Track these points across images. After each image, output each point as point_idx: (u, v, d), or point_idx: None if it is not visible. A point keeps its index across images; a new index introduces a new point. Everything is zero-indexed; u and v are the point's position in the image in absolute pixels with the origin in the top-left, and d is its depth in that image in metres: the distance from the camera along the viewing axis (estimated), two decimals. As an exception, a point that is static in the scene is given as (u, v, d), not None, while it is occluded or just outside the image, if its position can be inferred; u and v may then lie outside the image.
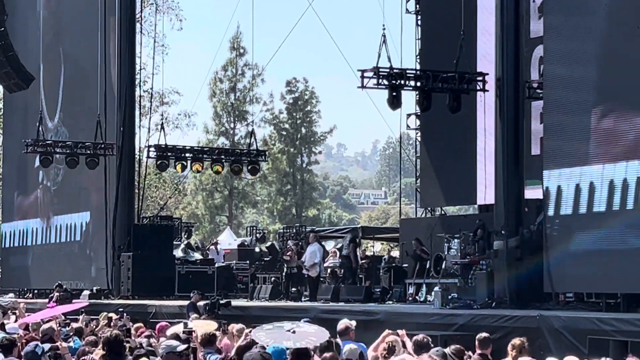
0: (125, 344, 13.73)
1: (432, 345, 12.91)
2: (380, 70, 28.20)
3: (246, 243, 42.73)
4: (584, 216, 23.06)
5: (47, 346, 14.72)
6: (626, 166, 22.07)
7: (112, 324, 20.97)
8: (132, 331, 20.10)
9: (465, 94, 29.25)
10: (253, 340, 8.13)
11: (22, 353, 13.35)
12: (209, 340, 14.28)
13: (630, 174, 21.97)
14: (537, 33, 27.75)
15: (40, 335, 16.76)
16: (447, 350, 12.95)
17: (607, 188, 22.48)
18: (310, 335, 12.31)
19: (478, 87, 29.54)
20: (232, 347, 14.92)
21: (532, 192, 25.37)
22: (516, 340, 14.30)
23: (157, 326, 19.68)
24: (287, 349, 11.50)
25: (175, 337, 14.10)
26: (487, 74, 28.20)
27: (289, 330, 12.12)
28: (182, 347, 12.04)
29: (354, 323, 15.56)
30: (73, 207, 40.11)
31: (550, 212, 23.76)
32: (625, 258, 21.95)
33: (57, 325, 18.67)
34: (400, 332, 13.80)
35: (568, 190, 23.36)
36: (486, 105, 28.72)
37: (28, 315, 23.87)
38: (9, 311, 25.87)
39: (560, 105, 24.06)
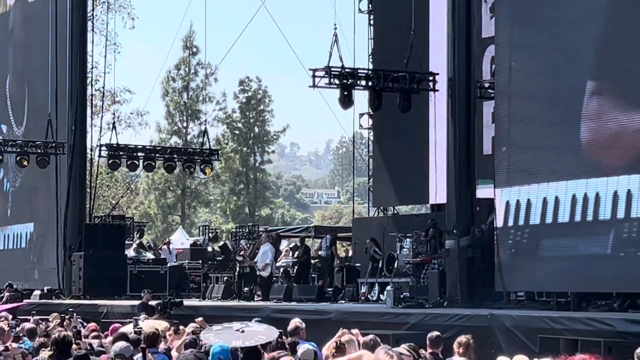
0: (74, 345, 13.69)
1: (379, 342, 12.92)
2: (332, 69, 28.23)
3: (199, 242, 42.64)
4: (536, 226, 23.24)
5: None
6: (576, 183, 22.34)
7: (64, 324, 20.85)
8: (83, 332, 20.08)
9: (415, 93, 29.37)
10: (194, 339, 8.05)
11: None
12: (152, 340, 14.25)
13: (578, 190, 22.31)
14: (489, 33, 27.86)
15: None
16: (402, 348, 12.96)
17: (552, 203, 22.75)
18: (259, 334, 12.34)
19: (429, 87, 29.72)
20: (182, 350, 14.93)
21: (484, 192, 25.50)
22: (462, 338, 14.39)
23: (111, 327, 19.62)
24: (236, 348, 11.52)
25: (123, 336, 14.07)
26: (438, 73, 28.30)
27: (237, 330, 12.14)
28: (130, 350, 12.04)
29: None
30: (25, 213, 40.00)
31: (500, 222, 23.94)
32: (576, 262, 22.17)
33: (7, 326, 18.56)
34: (354, 331, 13.85)
35: (520, 203, 23.55)
36: (438, 105, 28.80)
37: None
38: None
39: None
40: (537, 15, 23.64)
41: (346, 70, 28.66)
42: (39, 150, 36.44)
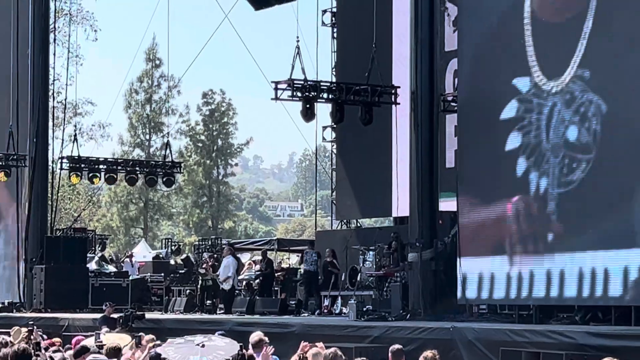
0: (34, 357, 13.60)
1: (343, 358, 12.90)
2: (295, 82, 28.27)
3: (161, 255, 42.59)
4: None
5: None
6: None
7: (31, 337, 20.67)
8: (42, 345, 19.97)
9: (377, 106, 29.41)
10: (157, 354, 8.01)
11: None
12: (114, 354, 14.18)
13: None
14: (452, 46, 27.95)
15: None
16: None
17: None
18: (219, 349, 12.29)
19: (390, 100, 29.77)
20: (145, 360, 14.87)
21: (446, 205, 25.56)
22: (428, 353, 14.32)
23: (74, 340, 19.51)
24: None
25: (83, 349, 13.98)
26: (399, 87, 28.39)
27: (198, 345, 12.09)
28: None
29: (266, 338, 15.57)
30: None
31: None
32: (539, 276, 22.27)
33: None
34: (319, 344, 13.82)
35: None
36: (401, 118, 28.84)
37: None
38: None
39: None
40: (500, 28, 23.74)
41: (308, 82, 28.69)
42: (0, 163, 36.31)
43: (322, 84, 29.68)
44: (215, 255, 34.77)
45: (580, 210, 21.62)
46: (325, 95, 29.31)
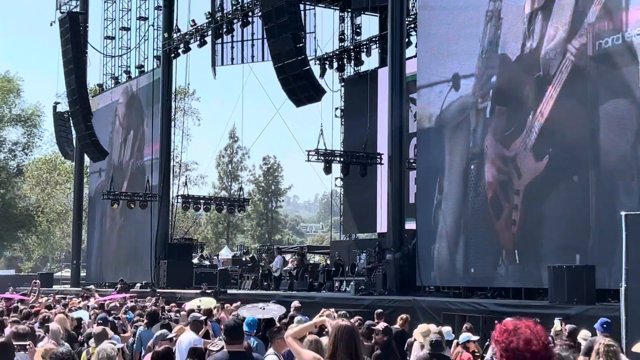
0: (161, 314, 13.70)
1: (347, 316, 12.90)
2: (319, 151, 28.49)
3: (237, 255, 42.54)
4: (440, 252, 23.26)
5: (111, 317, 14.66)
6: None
7: (157, 304, 20.74)
8: (166, 307, 20.09)
9: (369, 165, 29.64)
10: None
11: (97, 319, 13.23)
12: (208, 313, 14.25)
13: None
14: (413, 129, 27.74)
15: (108, 309, 16.63)
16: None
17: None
18: (274, 310, 12.41)
19: (377, 162, 29.92)
20: (226, 319, 14.91)
21: (409, 225, 25.33)
22: (403, 315, 14.38)
23: (183, 305, 19.55)
24: (259, 319, 11.57)
25: (191, 311, 14.05)
26: (382, 154, 28.43)
27: (261, 308, 12.22)
28: (202, 317, 12.09)
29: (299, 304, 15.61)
30: (132, 235, 39.93)
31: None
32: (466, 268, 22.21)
33: (119, 304, 18.54)
34: (331, 309, 13.84)
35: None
36: (383, 172, 28.80)
37: (99, 297, 23.75)
38: (87, 295, 25.61)
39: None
40: (440, 122, 23.65)
41: (327, 151, 28.93)
42: (141, 198, 36.58)
43: (335, 152, 29.92)
44: (270, 255, 34.94)
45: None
46: (338, 159, 29.55)
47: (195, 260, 36.85)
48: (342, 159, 29.67)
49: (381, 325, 11.54)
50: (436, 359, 9.47)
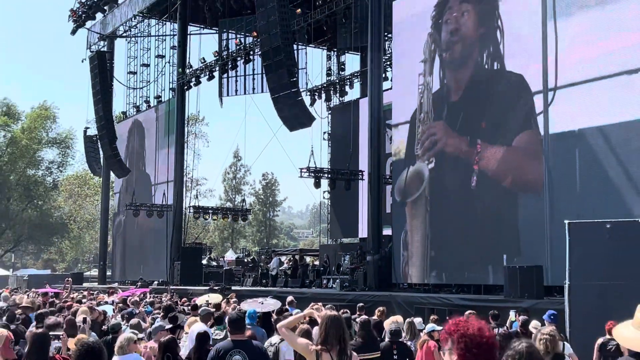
0: (175, 307, 13.62)
1: (334, 309, 12.84)
2: (310, 168, 28.48)
3: (240, 257, 42.35)
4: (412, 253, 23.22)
5: (135, 310, 14.60)
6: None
7: (171, 299, 20.58)
8: (179, 301, 19.97)
9: (353, 181, 29.64)
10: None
11: (124, 313, 13.18)
12: (216, 307, 14.19)
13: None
14: (389, 150, 27.76)
15: (130, 303, 16.55)
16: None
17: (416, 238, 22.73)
18: (271, 304, 12.33)
19: (359, 178, 29.91)
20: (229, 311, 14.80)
21: (386, 231, 25.27)
22: (380, 308, 14.34)
23: (192, 299, 19.42)
24: (258, 312, 11.52)
25: (199, 306, 13.99)
26: (363, 171, 28.39)
27: (260, 302, 12.14)
28: (212, 310, 12.04)
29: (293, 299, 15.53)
30: (151, 241, 39.74)
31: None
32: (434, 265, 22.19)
33: (139, 299, 18.45)
34: (319, 304, 13.76)
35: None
36: (364, 187, 28.79)
37: (122, 292, 23.59)
38: (112, 291, 25.44)
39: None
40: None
41: (317, 168, 28.92)
42: (157, 209, 36.44)
43: (324, 169, 29.89)
44: (268, 257, 34.79)
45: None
46: (326, 175, 29.53)
47: (204, 262, 36.67)
48: (329, 175, 29.66)
49: (361, 317, 11.49)
50: (395, 345, 9.39)
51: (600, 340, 9.36)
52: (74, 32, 42.58)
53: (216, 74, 35.20)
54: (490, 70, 20.67)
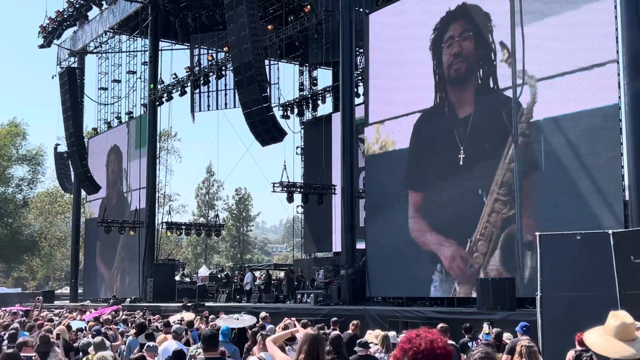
0: (147, 326, 13.47)
1: (309, 324, 12.83)
2: (283, 183, 28.45)
3: (213, 273, 42.06)
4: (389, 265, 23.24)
5: (104, 328, 14.40)
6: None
7: (144, 316, 20.38)
8: (152, 319, 19.75)
9: (325, 195, 29.65)
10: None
11: (92, 330, 12.99)
12: (190, 324, 14.08)
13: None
14: (362, 164, 27.89)
15: (102, 322, 16.34)
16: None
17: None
18: (246, 321, 12.30)
19: (332, 192, 29.93)
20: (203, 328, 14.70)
21: (360, 245, 25.33)
22: (354, 321, 14.30)
23: (168, 317, 19.22)
24: (232, 328, 11.44)
25: (172, 324, 13.85)
26: (336, 185, 28.42)
27: (235, 318, 12.09)
28: (184, 328, 11.92)
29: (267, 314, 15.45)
30: (125, 257, 39.30)
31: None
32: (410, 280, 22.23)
33: (111, 317, 18.22)
34: (292, 318, 13.72)
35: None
36: (337, 201, 28.83)
37: (92, 312, 23.28)
38: (84, 310, 25.13)
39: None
40: (386, 163, 23.79)
41: (290, 183, 28.90)
42: (130, 225, 36.09)
43: (297, 183, 29.89)
44: (242, 272, 34.58)
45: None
46: (299, 190, 29.52)
47: (177, 278, 36.39)
48: (302, 190, 29.66)
49: (333, 333, 11.47)
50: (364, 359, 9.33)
51: (572, 353, 9.38)
52: (42, 46, 42.15)
53: (188, 89, 35.12)
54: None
